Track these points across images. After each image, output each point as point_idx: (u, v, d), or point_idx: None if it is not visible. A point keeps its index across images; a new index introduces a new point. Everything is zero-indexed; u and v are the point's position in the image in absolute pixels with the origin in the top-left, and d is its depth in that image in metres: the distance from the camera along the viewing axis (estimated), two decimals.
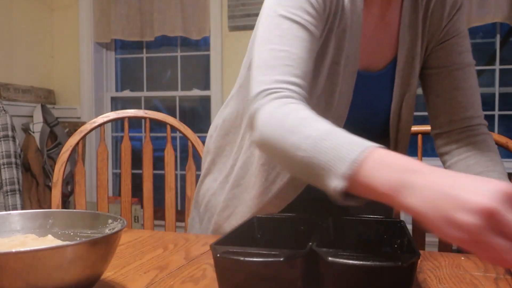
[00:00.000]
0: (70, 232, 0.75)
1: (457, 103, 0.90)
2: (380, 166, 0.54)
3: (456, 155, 0.91)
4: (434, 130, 0.97)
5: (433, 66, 0.92)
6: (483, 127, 0.92)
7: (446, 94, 0.91)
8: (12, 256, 0.52)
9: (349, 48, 0.83)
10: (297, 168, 0.66)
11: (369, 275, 0.54)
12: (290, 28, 0.76)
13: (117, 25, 3.46)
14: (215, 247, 0.59)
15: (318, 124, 0.65)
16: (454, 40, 0.91)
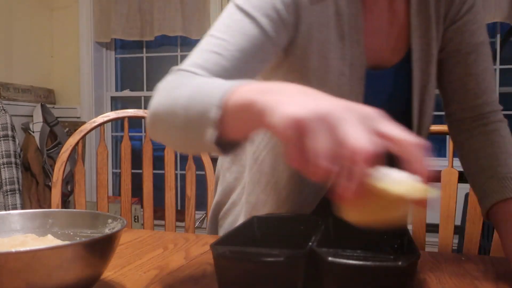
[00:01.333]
0: (70, 232, 0.75)
1: (469, 89, 0.85)
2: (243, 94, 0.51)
3: (467, 146, 0.87)
4: (447, 118, 0.93)
5: (445, 50, 0.86)
6: (496, 114, 0.86)
7: (458, 81, 0.86)
8: (12, 256, 0.52)
9: (352, 53, 0.80)
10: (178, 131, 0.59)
11: (369, 275, 0.54)
12: (240, 20, 0.72)
13: (117, 25, 3.46)
14: (215, 247, 0.59)
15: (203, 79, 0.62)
16: (468, 17, 0.84)
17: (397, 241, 0.75)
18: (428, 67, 0.85)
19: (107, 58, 3.71)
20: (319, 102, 0.45)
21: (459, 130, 0.90)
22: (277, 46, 0.76)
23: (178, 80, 0.66)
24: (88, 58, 3.58)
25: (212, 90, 0.54)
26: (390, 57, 0.84)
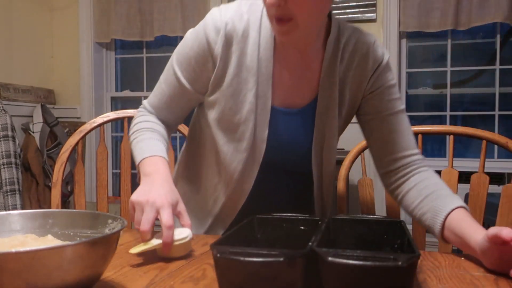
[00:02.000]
0: (70, 232, 0.75)
1: (397, 143, 1.01)
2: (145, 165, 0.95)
3: (406, 186, 1.01)
4: (381, 170, 1.07)
5: (370, 113, 1.03)
6: (423, 161, 1.03)
7: (386, 136, 1.01)
8: (12, 256, 0.52)
9: (260, 88, 0.97)
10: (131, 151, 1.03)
11: (369, 275, 0.54)
12: (170, 74, 1.04)
13: (117, 25, 3.46)
14: (215, 247, 0.59)
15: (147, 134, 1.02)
16: (382, 90, 1.01)
17: (397, 241, 0.75)
18: (330, 120, 1.01)
19: (107, 58, 3.71)
20: (148, 193, 0.86)
21: (395, 178, 1.03)
22: (195, 92, 1.02)
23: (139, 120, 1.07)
24: (88, 59, 3.58)
25: (138, 153, 0.98)
26: (299, 101, 1.01)
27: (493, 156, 2.95)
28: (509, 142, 1.18)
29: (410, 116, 3.43)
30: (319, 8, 0.88)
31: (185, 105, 1.06)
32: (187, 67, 1.01)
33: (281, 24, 0.86)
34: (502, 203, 1.15)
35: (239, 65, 0.97)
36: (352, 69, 1.00)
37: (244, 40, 0.96)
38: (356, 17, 3.02)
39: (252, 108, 0.97)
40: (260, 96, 0.97)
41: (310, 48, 0.98)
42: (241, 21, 0.97)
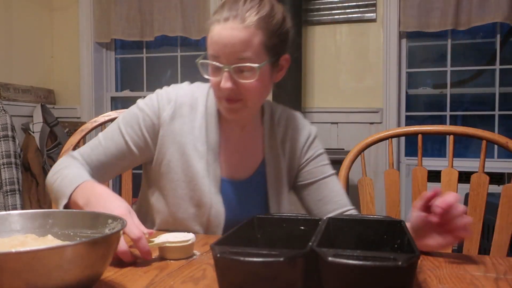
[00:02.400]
0: (70, 232, 0.75)
1: (336, 202, 1.14)
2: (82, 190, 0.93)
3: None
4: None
5: (307, 179, 1.15)
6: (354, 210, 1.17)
7: (325, 198, 1.14)
8: (12, 256, 0.52)
9: (209, 160, 1.06)
10: (52, 195, 1.03)
11: (369, 275, 0.54)
12: (114, 129, 1.08)
13: (117, 25, 3.46)
14: (215, 247, 0.59)
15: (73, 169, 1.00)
16: (314, 160, 1.16)
17: (397, 241, 0.75)
18: (280, 187, 1.13)
19: (107, 58, 3.71)
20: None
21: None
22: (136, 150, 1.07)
23: (64, 164, 1.04)
24: (88, 59, 3.58)
25: (68, 185, 0.95)
26: (244, 172, 1.11)
27: (493, 156, 2.95)
28: (509, 142, 1.18)
29: (410, 116, 3.43)
30: (263, 91, 1.03)
31: (119, 165, 1.09)
32: (135, 134, 1.06)
33: (231, 103, 1.00)
34: (502, 203, 1.15)
35: (186, 134, 1.06)
36: (287, 141, 1.14)
37: (193, 112, 1.08)
38: (356, 17, 3.02)
39: (205, 175, 1.05)
40: (210, 164, 1.06)
41: (250, 125, 1.12)
42: (191, 97, 1.09)
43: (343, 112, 3.07)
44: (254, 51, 0.96)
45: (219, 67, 0.97)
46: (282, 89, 2.89)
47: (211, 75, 1.00)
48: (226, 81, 0.96)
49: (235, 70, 0.97)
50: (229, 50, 0.95)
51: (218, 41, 0.96)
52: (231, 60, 0.96)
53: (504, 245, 1.13)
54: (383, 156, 2.99)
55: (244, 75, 0.97)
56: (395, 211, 1.26)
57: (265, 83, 1.02)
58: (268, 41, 0.98)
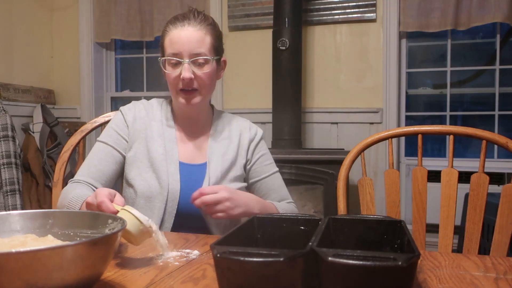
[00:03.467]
0: (70, 232, 0.75)
1: (273, 197, 1.33)
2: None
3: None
4: None
5: (253, 177, 1.33)
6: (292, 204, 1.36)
7: (266, 194, 1.33)
8: (13, 256, 0.52)
9: (168, 147, 1.26)
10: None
11: (369, 275, 0.54)
12: (97, 146, 1.27)
13: (117, 25, 3.46)
14: (215, 247, 0.59)
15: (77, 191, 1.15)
16: (260, 159, 1.34)
17: (397, 241, 0.75)
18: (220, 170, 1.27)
19: (107, 58, 3.71)
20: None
21: None
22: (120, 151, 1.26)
23: (67, 191, 1.18)
24: (88, 59, 3.58)
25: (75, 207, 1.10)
26: (198, 158, 1.29)
27: (493, 156, 2.95)
28: (509, 142, 1.18)
29: (410, 116, 3.43)
30: (212, 83, 1.26)
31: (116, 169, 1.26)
32: (112, 134, 1.27)
33: (188, 93, 1.22)
34: (502, 203, 1.15)
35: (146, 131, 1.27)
36: (233, 142, 1.31)
37: (149, 115, 1.30)
38: (356, 17, 3.02)
39: (163, 158, 1.24)
40: (168, 150, 1.26)
41: (200, 121, 1.31)
42: (146, 104, 1.33)
43: (343, 112, 3.07)
44: (207, 48, 1.22)
45: (179, 62, 1.20)
46: (282, 88, 2.89)
47: (171, 71, 1.23)
48: (187, 71, 1.19)
49: (193, 62, 1.20)
50: (188, 47, 1.20)
51: (178, 40, 1.21)
52: (189, 55, 1.20)
53: (504, 245, 1.13)
54: (383, 156, 2.99)
55: (200, 67, 1.21)
56: (395, 211, 1.26)
57: (213, 77, 1.25)
58: (214, 42, 1.24)
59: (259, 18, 3.20)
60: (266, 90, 3.04)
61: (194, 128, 1.32)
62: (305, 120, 3.11)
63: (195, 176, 1.26)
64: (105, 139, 1.27)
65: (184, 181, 1.24)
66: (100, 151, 1.26)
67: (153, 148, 1.25)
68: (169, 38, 1.24)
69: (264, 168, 1.34)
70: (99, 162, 1.24)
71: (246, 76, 3.26)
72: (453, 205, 1.20)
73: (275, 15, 2.89)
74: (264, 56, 3.11)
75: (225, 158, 1.29)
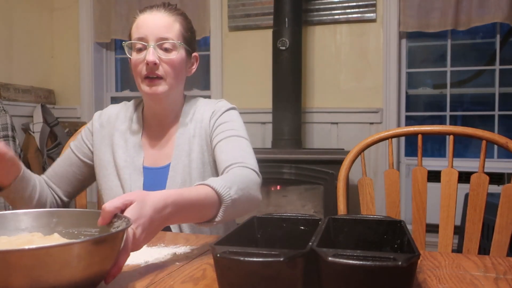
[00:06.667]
0: (74, 231, 0.75)
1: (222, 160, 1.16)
2: None
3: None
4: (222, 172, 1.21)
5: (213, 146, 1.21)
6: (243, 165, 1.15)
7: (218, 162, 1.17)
8: (26, 253, 0.53)
9: (132, 153, 1.22)
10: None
11: (369, 275, 0.54)
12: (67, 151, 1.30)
13: (117, 25, 3.46)
14: (215, 247, 0.59)
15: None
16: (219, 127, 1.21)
17: (397, 241, 0.75)
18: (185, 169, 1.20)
19: (107, 58, 3.71)
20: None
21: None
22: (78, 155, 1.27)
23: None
24: (88, 59, 3.58)
25: None
26: (161, 161, 1.23)
27: (493, 156, 2.95)
28: (508, 142, 1.18)
29: (410, 116, 3.44)
30: (179, 73, 1.19)
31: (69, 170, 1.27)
32: (78, 142, 1.29)
33: (153, 81, 1.16)
34: (501, 203, 1.15)
35: (113, 137, 1.24)
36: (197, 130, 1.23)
37: (118, 119, 1.27)
38: (356, 17, 3.02)
39: (126, 165, 1.21)
40: (132, 156, 1.22)
41: (168, 119, 1.25)
42: (116, 108, 1.31)
43: (343, 112, 3.07)
44: (175, 34, 1.17)
45: (144, 46, 1.16)
46: (282, 88, 2.89)
47: (135, 56, 1.17)
48: (151, 55, 1.13)
49: (159, 46, 1.15)
50: (154, 31, 1.15)
51: (144, 24, 1.18)
52: (155, 39, 1.15)
53: (504, 245, 1.13)
54: (383, 156, 2.99)
55: (166, 52, 1.16)
56: (395, 211, 1.26)
57: (181, 66, 1.19)
58: (184, 32, 1.19)
59: (259, 18, 3.20)
60: (266, 90, 3.04)
61: (161, 128, 1.26)
62: (305, 120, 3.11)
63: (158, 180, 1.21)
64: (72, 145, 1.29)
65: (148, 187, 1.19)
66: (64, 154, 1.30)
67: (118, 154, 1.22)
68: (136, 22, 1.21)
69: (220, 134, 1.20)
70: (57, 164, 1.28)
71: (246, 76, 3.26)
72: (453, 205, 1.20)
73: (275, 15, 2.89)
74: (264, 56, 3.11)
75: (192, 156, 1.21)
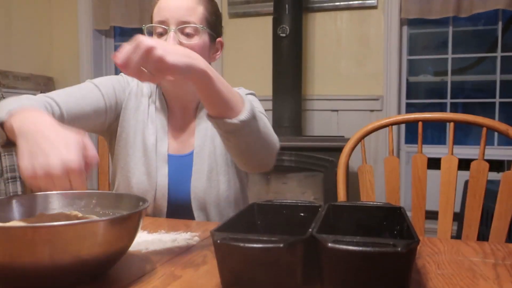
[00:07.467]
0: (110, 212, 0.80)
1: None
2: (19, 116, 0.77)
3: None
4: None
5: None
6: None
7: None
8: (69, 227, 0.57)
9: (159, 137, 1.17)
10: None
11: (368, 261, 0.55)
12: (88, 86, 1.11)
13: (116, 12, 3.44)
14: (215, 233, 0.59)
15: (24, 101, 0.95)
16: None
17: (397, 227, 0.75)
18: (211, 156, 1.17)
19: (106, 45, 3.69)
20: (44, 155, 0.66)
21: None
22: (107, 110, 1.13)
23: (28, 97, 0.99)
24: (88, 46, 3.57)
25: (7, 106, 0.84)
26: (186, 148, 1.19)
27: (493, 143, 2.95)
28: (509, 129, 1.18)
29: (410, 103, 3.42)
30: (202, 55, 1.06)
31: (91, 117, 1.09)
32: (108, 85, 1.14)
33: None
34: (501, 190, 1.16)
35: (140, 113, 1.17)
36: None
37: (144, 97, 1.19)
38: (357, 3, 3.00)
39: (153, 149, 1.16)
40: (158, 140, 1.17)
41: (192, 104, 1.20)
42: (140, 85, 1.21)
43: (343, 100, 3.06)
44: (198, 18, 1.09)
45: (165, 30, 1.08)
46: (282, 76, 2.88)
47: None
48: (172, 39, 1.05)
49: (180, 30, 1.08)
50: (176, 14, 1.07)
51: (166, 7, 1.08)
52: (177, 22, 1.07)
53: (502, 231, 1.14)
54: (383, 143, 2.99)
55: (188, 37, 1.08)
56: (395, 198, 1.27)
57: (205, 52, 1.11)
58: (208, 16, 1.12)
59: (259, 4, 3.17)
60: (266, 77, 3.03)
61: (184, 113, 1.21)
62: (306, 108, 3.11)
63: (182, 169, 1.17)
64: (99, 85, 1.12)
65: (172, 176, 1.16)
66: (89, 91, 1.10)
67: (147, 135, 1.16)
68: (158, 6, 1.11)
69: None
70: (82, 99, 1.06)
71: (246, 63, 3.25)
72: (452, 192, 1.21)
73: (276, 1, 2.86)
74: (264, 43, 3.10)
75: (215, 142, 1.17)
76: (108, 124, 1.17)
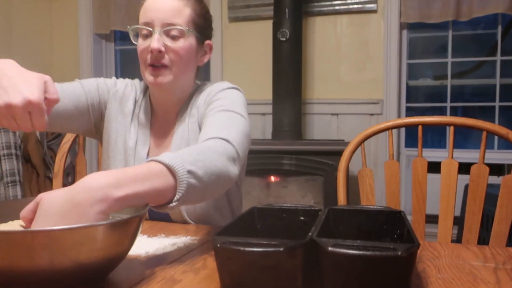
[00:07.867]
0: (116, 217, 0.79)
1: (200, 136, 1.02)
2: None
3: None
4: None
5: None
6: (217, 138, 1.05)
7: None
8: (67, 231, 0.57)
9: (140, 141, 1.16)
10: None
11: (368, 265, 0.55)
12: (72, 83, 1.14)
13: (117, 16, 3.45)
14: (215, 237, 0.59)
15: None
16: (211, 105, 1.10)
17: (397, 231, 0.75)
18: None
19: (106, 49, 3.70)
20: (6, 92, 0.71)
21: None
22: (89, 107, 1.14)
23: None
24: (88, 50, 3.57)
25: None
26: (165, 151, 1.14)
27: (493, 147, 2.95)
28: (509, 133, 1.18)
29: (410, 107, 3.43)
30: (188, 62, 1.11)
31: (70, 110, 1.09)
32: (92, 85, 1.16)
33: (157, 70, 1.08)
34: (501, 194, 1.15)
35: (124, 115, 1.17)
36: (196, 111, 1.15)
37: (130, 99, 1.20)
38: (357, 7, 3.01)
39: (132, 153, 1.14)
40: (139, 144, 1.15)
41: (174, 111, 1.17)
42: (121, 84, 1.24)
43: (343, 103, 3.06)
44: (184, 20, 1.07)
45: (150, 32, 1.07)
46: (282, 80, 2.88)
47: (141, 43, 1.11)
48: (156, 42, 1.04)
49: (165, 32, 1.06)
50: (161, 16, 1.06)
51: (151, 8, 1.07)
52: (162, 24, 1.06)
53: (503, 235, 1.14)
54: (383, 147, 2.99)
55: (173, 40, 1.07)
56: (395, 202, 1.26)
57: (190, 55, 1.10)
58: (196, 18, 1.10)
59: (259, 8, 3.18)
60: (266, 81, 3.03)
61: (168, 118, 1.18)
62: (305, 111, 3.11)
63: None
64: (84, 83, 1.16)
65: None
66: (70, 86, 1.13)
67: (127, 138, 1.15)
68: (144, 6, 1.10)
69: (210, 112, 1.07)
70: (62, 91, 1.09)
71: (246, 67, 3.25)
72: (453, 196, 1.21)
73: (276, 5, 2.87)
74: (264, 47, 3.10)
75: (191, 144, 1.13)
76: (95, 125, 1.18)
